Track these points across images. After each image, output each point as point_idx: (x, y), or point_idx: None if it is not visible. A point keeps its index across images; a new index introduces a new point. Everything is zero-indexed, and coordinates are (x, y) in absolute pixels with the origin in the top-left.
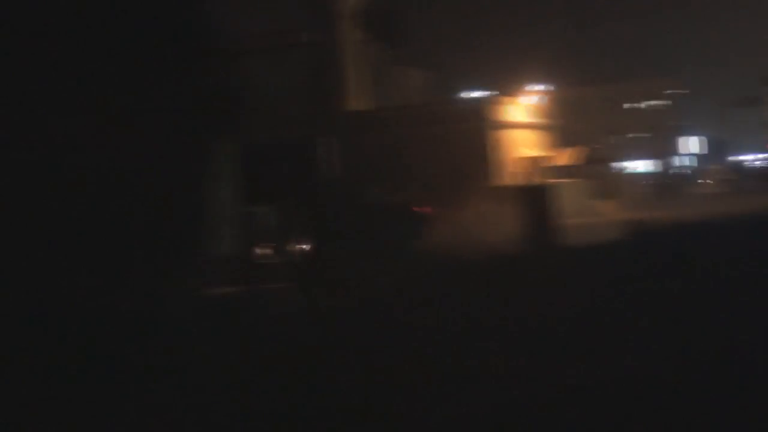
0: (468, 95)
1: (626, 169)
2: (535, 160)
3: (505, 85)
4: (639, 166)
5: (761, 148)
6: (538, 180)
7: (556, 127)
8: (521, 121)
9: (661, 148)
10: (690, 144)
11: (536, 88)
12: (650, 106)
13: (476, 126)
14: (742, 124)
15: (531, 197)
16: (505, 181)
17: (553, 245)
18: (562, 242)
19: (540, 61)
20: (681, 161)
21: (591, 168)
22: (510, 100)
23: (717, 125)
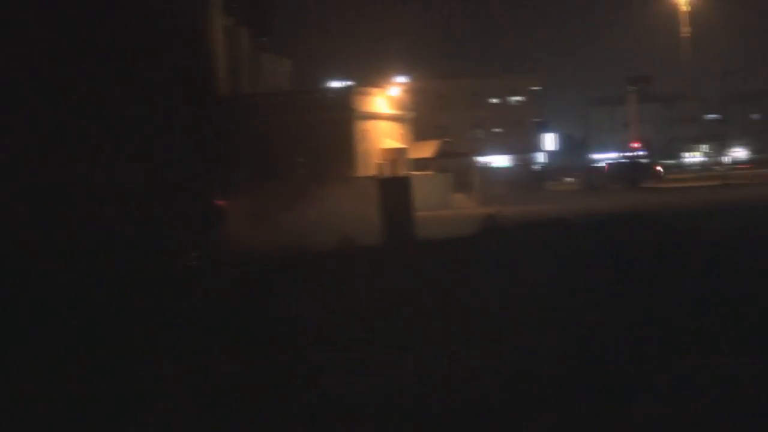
0: (331, 85)
1: (487, 164)
2: (396, 152)
3: (368, 76)
4: (499, 161)
5: (622, 147)
6: (399, 172)
7: (418, 119)
8: (384, 112)
9: (521, 144)
10: (546, 141)
11: (399, 80)
12: (514, 102)
13: (342, 116)
14: (604, 123)
15: (391, 189)
16: (369, 172)
17: (406, 238)
18: (414, 235)
19: (403, 53)
20: (538, 157)
21: (446, 161)
22: (375, 90)
23: (580, 123)
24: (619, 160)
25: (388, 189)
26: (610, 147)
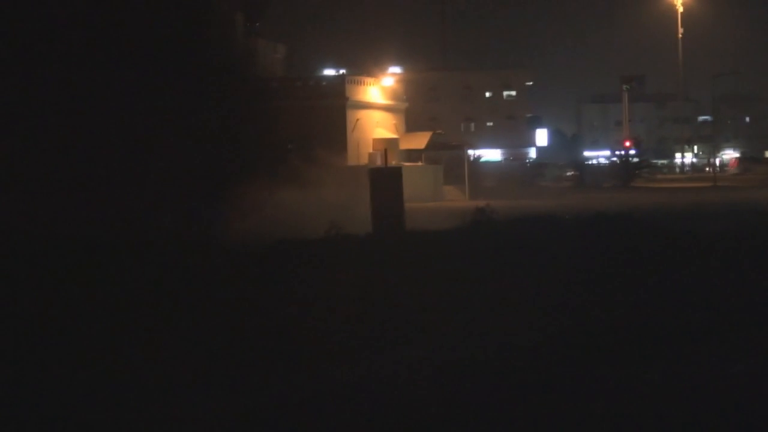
0: (325, 73)
1: (478, 157)
2: (388, 142)
3: (362, 65)
4: (490, 155)
5: (614, 145)
6: (390, 162)
7: (410, 110)
8: (377, 102)
9: (513, 139)
10: (538, 136)
11: (393, 70)
12: (506, 96)
13: (335, 104)
14: (596, 120)
15: (382, 179)
16: (360, 161)
17: (396, 228)
18: (403, 225)
19: (398, 44)
20: (530, 153)
21: (438, 153)
22: (368, 80)
23: (573, 120)
24: (599, 161)
25: (379, 179)
26: (602, 145)
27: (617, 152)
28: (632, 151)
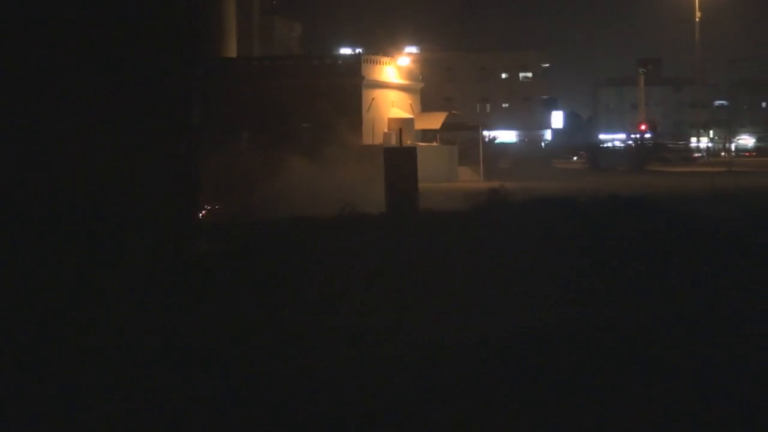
0: (341, 51)
1: (493, 138)
2: (403, 122)
3: (378, 45)
4: (506, 136)
5: (629, 128)
6: (405, 142)
7: (426, 90)
8: (393, 81)
9: (528, 120)
10: (553, 118)
11: (410, 50)
12: (523, 78)
13: (351, 83)
14: (612, 103)
15: (397, 159)
16: (375, 140)
17: (409, 208)
18: (417, 205)
19: (414, 24)
20: (545, 134)
21: (453, 134)
22: (385, 59)
23: (589, 102)
24: (614, 144)
25: (393, 158)
26: (618, 128)
27: (632, 135)
28: (647, 135)
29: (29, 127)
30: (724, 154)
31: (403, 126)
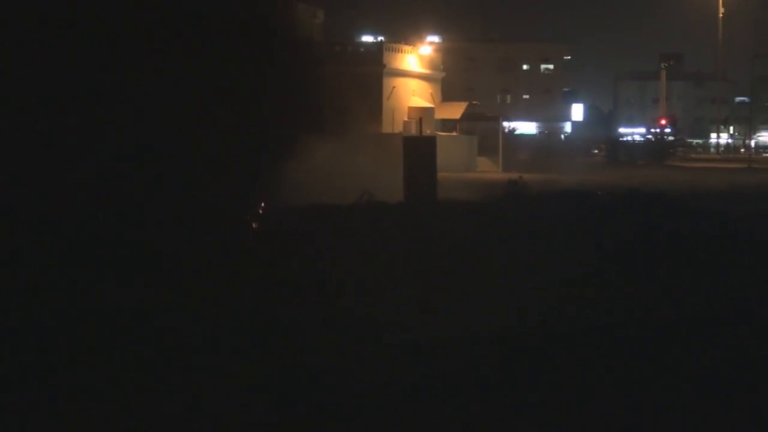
0: (363, 39)
1: (513, 129)
2: (423, 111)
3: (400, 33)
4: (526, 128)
5: (649, 122)
6: (425, 131)
7: (447, 80)
8: (414, 70)
9: (549, 112)
10: (574, 111)
11: (431, 39)
12: (544, 70)
13: (372, 71)
14: (633, 97)
15: (416, 148)
16: (395, 129)
17: (428, 198)
18: (435, 195)
19: (437, 12)
20: (566, 127)
21: (473, 124)
22: (406, 48)
23: (609, 96)
24: (635, 138)
25: (413, 148)
26: (638, 122)
27: (652, 130)
28: (667, 130)
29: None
30: (743, 150)
31: (423, 115)
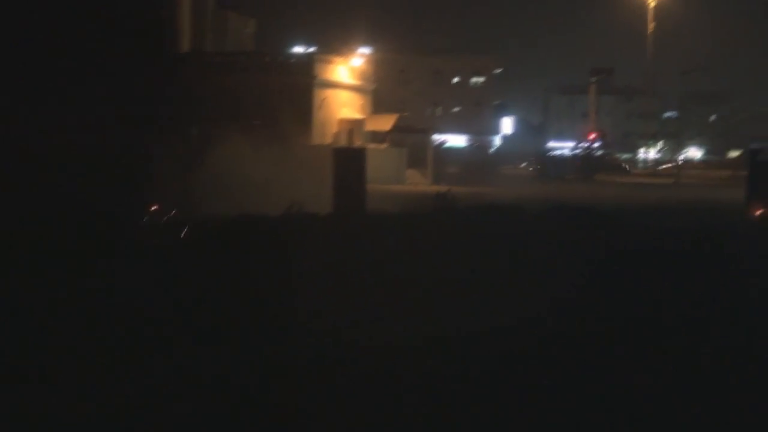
0: (294, 50)
1: (443, 142)
2: (353, 123)
3: (331, 44)
4: (456, 140)
5: (578, 137)
6: (355, 142)
7: (377, 92)
8: (345, 82)
9: (479, 125)
10: (504, 124)
11: (362, 51)
12: (474, 83)
13: (302, 82)
14: (563, 111)
15: (346, 159)
16: (325, 140)
17: (357, 209)
18: (364, 207)
19: (367, 24)
20: (495, 140)
21: (403, 136)
22: (337, 59)
23: (539, 109)
24: (563, 152)
25: (342, 159)
26: (568, 136)
27: (581, 144)
28: (596, 144)
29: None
30: (670, 165)
31: (353, 127)
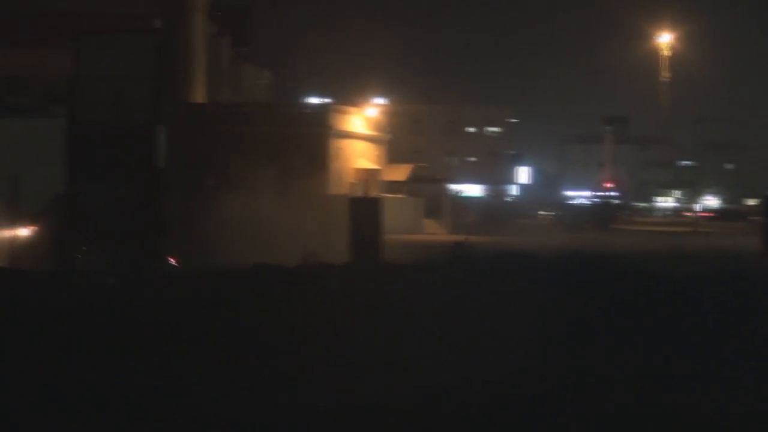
0: (309, 100)
1: (459, 192)
2: (369, 173)
3: (346, 95)
4: (472, 190)
5: (595, 186)
6: (371, 192)
7: (393, 142)
8: (360, 132)
9: (495, 175)
10: (520, 174)
11: (377, 101)
12: (490, 132)
13: (318, 132)
14: (579, 160)
15: (362, 209)
16: (341, 190)
17: (374, 259)
18: (381, 257)
19: (383, 75)
20: (511, 190)
21: (419, 186)
22: (352, 110)
23: (555, 159)
24: (581, 201)
25: (359, 209)
26: (584, 185)
27: (598, 193)
28: (613, 193)
29: None
30: (688, 214)
31: (369, 177)
